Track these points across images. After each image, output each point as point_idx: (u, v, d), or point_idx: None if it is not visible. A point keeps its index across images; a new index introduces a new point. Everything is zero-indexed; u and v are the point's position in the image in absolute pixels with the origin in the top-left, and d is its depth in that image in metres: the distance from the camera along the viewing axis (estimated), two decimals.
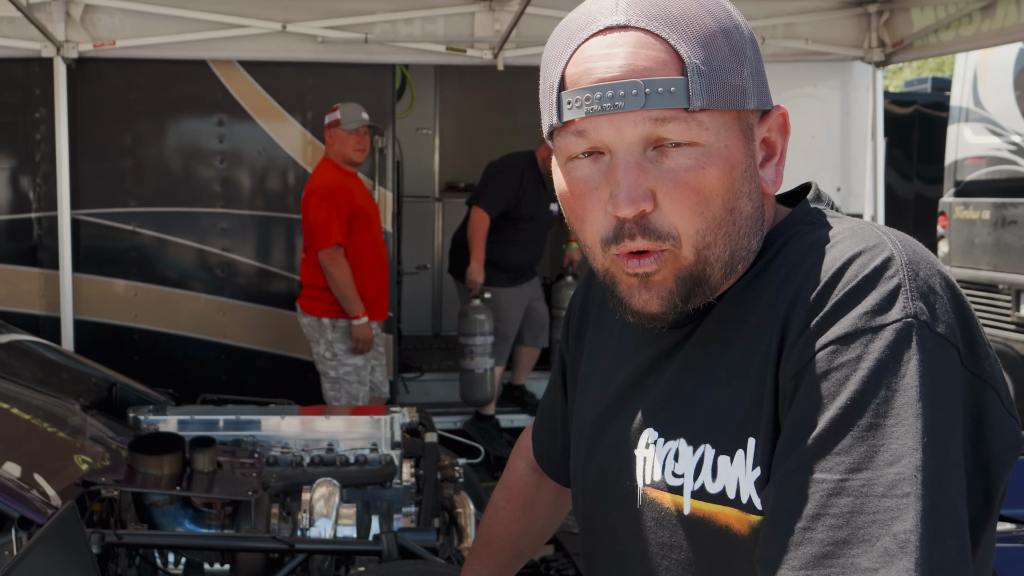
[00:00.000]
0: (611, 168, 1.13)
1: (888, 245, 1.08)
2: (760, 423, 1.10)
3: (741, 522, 1.11)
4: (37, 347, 4.31)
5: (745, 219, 1.16)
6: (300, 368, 6.36)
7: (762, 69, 1.19)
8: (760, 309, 1.14)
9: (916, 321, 1.02)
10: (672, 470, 1.19)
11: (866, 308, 1.04)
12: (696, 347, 1.21)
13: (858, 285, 1.05)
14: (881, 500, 0.97)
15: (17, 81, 5.99)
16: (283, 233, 6.34)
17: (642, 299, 1.17)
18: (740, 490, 1.11)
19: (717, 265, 1.15)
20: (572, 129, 1.14)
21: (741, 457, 1.11)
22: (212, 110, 6.18)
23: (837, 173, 6.98)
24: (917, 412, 0.99)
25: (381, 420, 3.87)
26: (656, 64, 1.10)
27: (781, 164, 1.21)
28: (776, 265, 1.17)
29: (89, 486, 3.09)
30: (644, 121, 1.10)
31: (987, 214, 8.11)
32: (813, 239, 1.15)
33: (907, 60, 6.61)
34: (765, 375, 1.10)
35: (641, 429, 1.25)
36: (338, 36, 5.86)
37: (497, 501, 1.73)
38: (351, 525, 3.38)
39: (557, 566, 3.77)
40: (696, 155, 1.11)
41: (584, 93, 1.11)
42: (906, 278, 1.05)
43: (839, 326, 1.04)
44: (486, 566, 1.70)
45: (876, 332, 1.02)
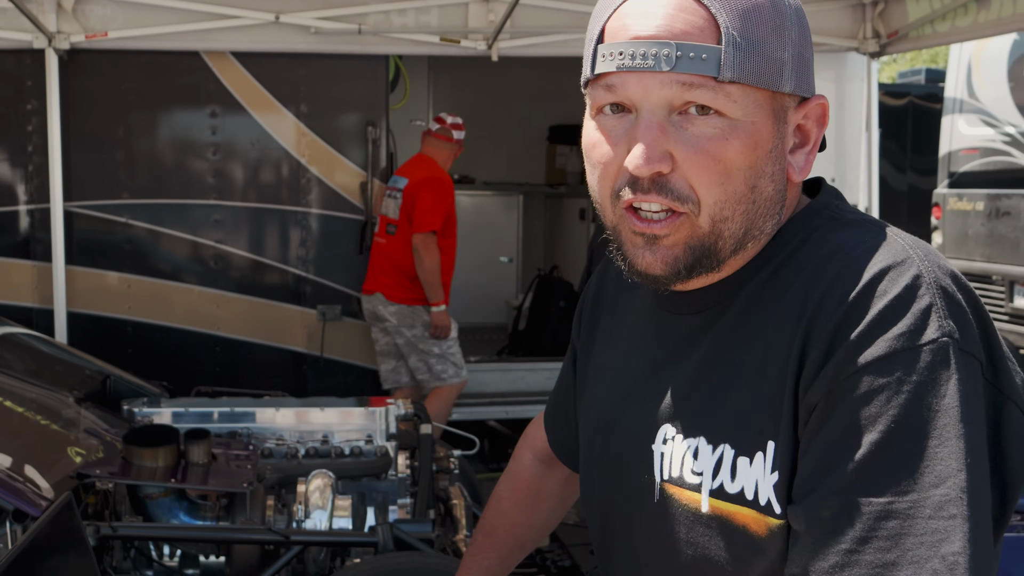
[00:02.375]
0: (634, 126, 1.13)
1: (915, 261, 1.08)
2: (779, 428, 1.10)
3: (759, 523, 1.11)
4: (30, 340, 4.30)
5: (765, 199, 1.16)
6: (294, 360, 6.36)
7: (807, 55, 1.18)
8: (780, 312, 1.14)
9: (951, 340, 1.03)
10: (691, 468, 1.18)
11: (902, 329, 1.03)
12: (715, 344, 1.21)
13: (891, 304, 1.05)
14: (928, 522, 0.98)
15: (8, 73, 5.96)
16: (277, 225, 6.32)
17: (646, 260, 1.17)
18: (759, 492, 1.11)
19: (730, 240, 1.15)
20: (603, 82, 1.14)
21: (760, 459, 1.11)
22: (205, 102, 6.16)
23: (831, 164, 6.98)
24: (959, 432, 1.00)
25: (376, 412, 3.87)
26: (693, 29, 1.09)
27: (813, 154, 1.20)
28: (797, 263, 1.16)
29: (84, 478, 3.08)
30: (671, 84, 1.10)
31: (981, 205, 8.12)
32: (836, 243, 1.14)
33: (902, 51, 6.61)
34: (784, 383, 1.10)
35: (659, 424, 1.24)
36: (331, 27, 5.84)
37: (501, 492, 1.72)
38: (346, 517, 3.38)
39: (552, 557, 3.78)
40: (720, 125, 1.11)
41: (619, 48, 1.12)
42: (936, 296, 1.05)
43: (876, 347, 1.03)
44: (487, 556, 1.69)
45: (914, 353, 1.02)
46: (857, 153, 6.87)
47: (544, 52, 6.15)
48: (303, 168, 6.25)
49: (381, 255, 6.01)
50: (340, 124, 6.33)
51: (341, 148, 6.28)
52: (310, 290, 6.36)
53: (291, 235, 6.30)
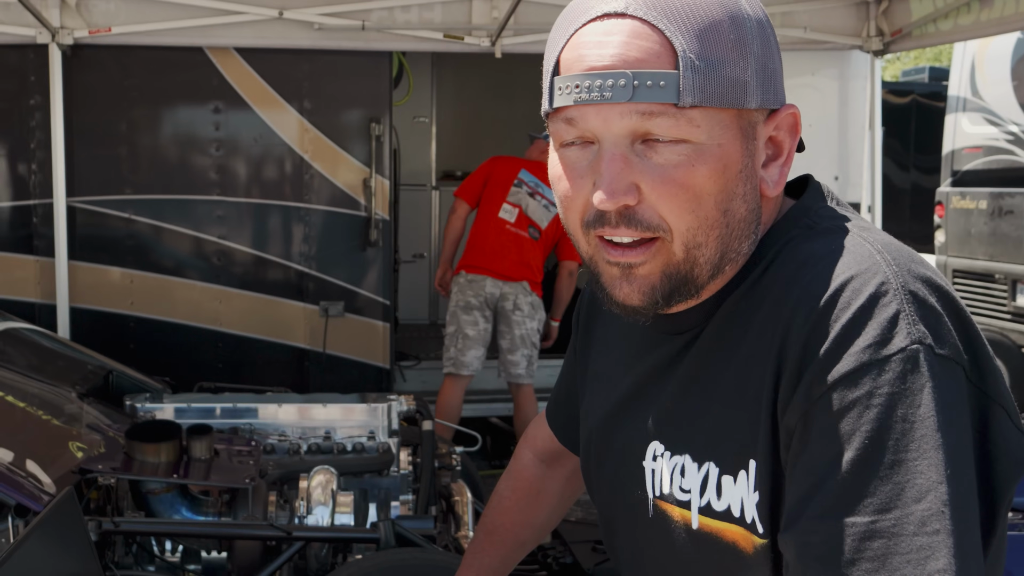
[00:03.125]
0: (597, 158, 1.10)
1: (881, 266, 1.05)
2: (758, 448, 1.09)
3: (747, 540, 1.11)
4: (33, 335, 4.31)
5: (738, 221, 1.12)
6: (296, 356, 6.36)
7: (773, 65, 1.14)
8: (754, 330, 1.12)
9: (921, 346, 1.00)
10: (679, 485, 1.19)
11: (869, 340, 1.00)
12: (696, 361, 1.20)
13: (855, 315, 1.02)
14: (913, 539, 0.96)
15: (12, 68, 5.96)
16: (279, 221, 6.32)
17: (623, 291, 1.14)
18: (744, 510, 1.11)
19: (706, 267, 1.13)
20: (562, 116, 1.12)
21: (744, 478, 1.11)
22: (208, 97, 6.16)
23: (835, 162, 6.98)
24: (937, 443, 0.97)
25: (378, 408, 3.87)
26: (649, 56, 1.06)
27: (787, 166, 1.17)
28: (769, 279, 1.14)
29: (86, 474, 3.09)
30: (631, 114, 1.07)
31: (984, 203, 8.11)
32: (804, 256, 1.12)
33: (906, 49, 6.60)
34: (761, 402, 1.09)
35: (648, 440, 1.25)
36: (335, 23, 5.83)
37: (502, 491, 1.73)
38: (348, 513, 3.38)
39: (554, 554, 3.78)
40: (685, 152, 1.08)
41: (575, 80, 1.09)
42: (904, 302, 1.02)
43: (844, 362, 1.01)
44: (489, 555, 1.70)
45: (883, 364, 0.99)
46: (860, 151, 6.86)
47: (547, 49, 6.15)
48: (306, 164, 6.25)
49: (521, 248, 6.14)
50: (343, 120, 6.32)
51: (344, 144, 6.28)
52: (313, 286, 6.36)
53: (294, 231, 6.30)
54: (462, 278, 6.08)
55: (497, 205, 6.08)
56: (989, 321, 8.04)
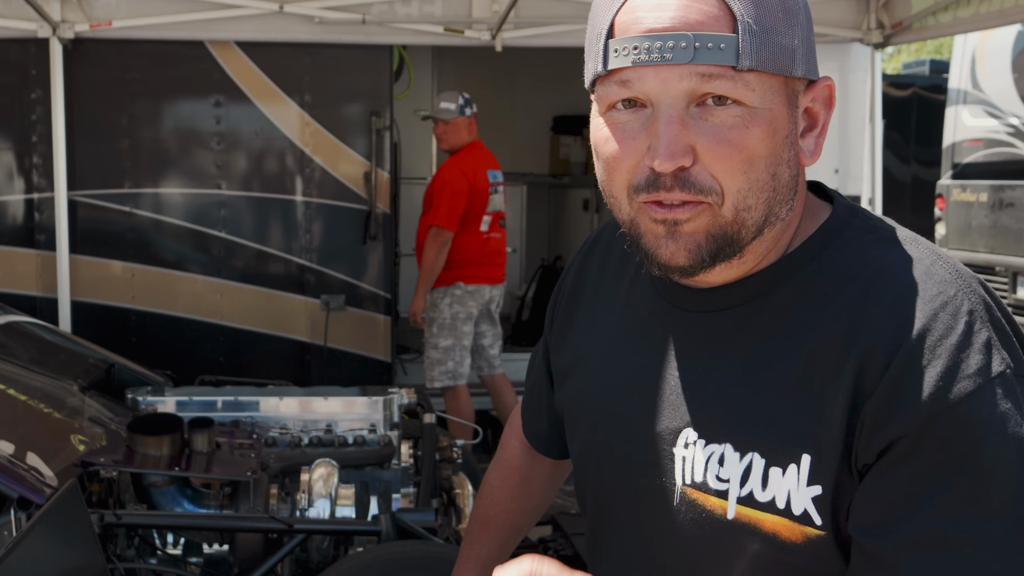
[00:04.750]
0: (652, 120, 1.11)
1: (965, 293, 1.10)
2: (822, 443, 1.10)
3: (792, 531, 1.12)
4: (34, 328, 4.31)
5: (783, 185, 1.15)
6: (298, 349, 6.37)
7: (812, 37, 1.17)
8: (820, 329, 1.14)
9: (1011, 370, 1.06)
10: (716, 474, 1.18)
11: (976, 366, 1.05)
12: (745, 350, 1.19)
13: (959, 342, 1.06)
14: (1020, 557, 1.02)
15: (13, 62, 5.96)
16: (280, 214, 6.32)
17: (668, 250, 1.14)
18: (791, 502, 1.12)
19: (752, 228, 1.14)
20: (616, 78, 1.12)
21: (794, 471, 1.11)
22: (209, 91, 6.16)
23: (835, 155, 6.97)
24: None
25: (379, 401, 3.87)
26: (708, 19, 1.08)
27: (822, 136, 1.19)
28: (835, 274, 1.16)
29: (88, 467, 3.10)
30: (690, 75, 1.08)
31: (984, 196, 8.11)
32: (880, 263, 1.15)
33: (906, 42, 6.60)
34: (832, 400, 1.10)
35: (680, 427, 1.23)
36: (335, 17, 5.84)
37: (492, 480, 1.73)
38: (349, 506, 3.39)
39: (555, 546, 3.79)
40: (740, 114, 1.09)
41: (632, 42, 1.09)
42: (991, 329, 1.08)
43: (962, 384, 1.05)
44: (486, 545, 1.70)
45: (989, 387, 1.05)
46: (861, 144, 6.86)
47: (548, 42, 6.15)
48: (307, 158, 6.25)
49: (502, 247, 6.34)
50: (344, 114, 6.33)
51: (345, 138, 6.28)
52: (314, 280, 6.36)
53: (295, 225, 6.30)
54: (458, 290, 6.09)
55: (479, 221, 6.16)
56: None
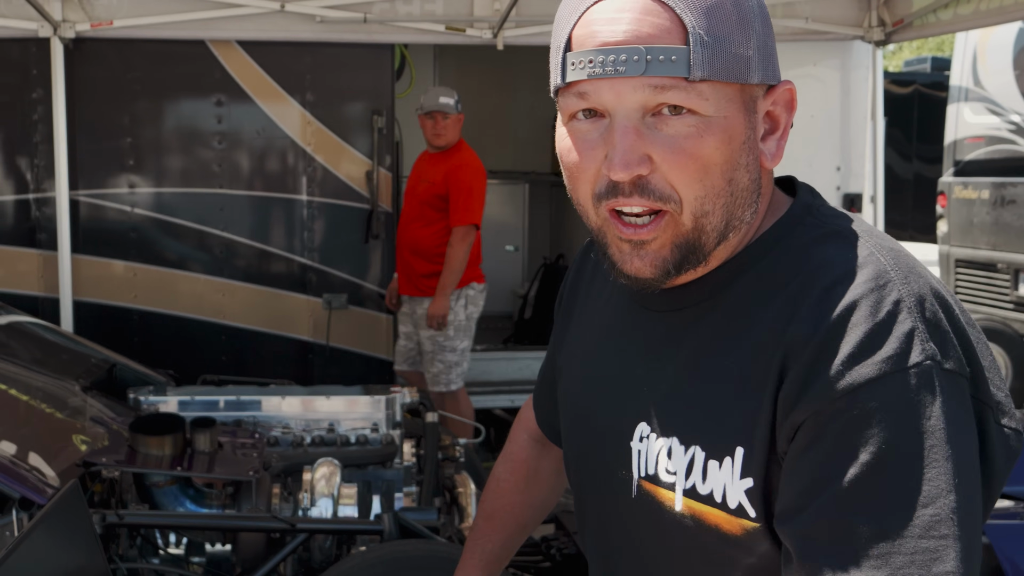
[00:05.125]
0: (609, 131, 1.14)
1: (896, 284, 1.11)
2: (753, 436, 1.12)
3: (731, 524, 1.15)
4: (36, 328, 4.31)
5: (741, 190, 1.17)
6: (300, 349, 6.37)
7: (771, 43, 1.20)
8: (763, 322, 1.16)
9: (933, 362, 1.05)
10: (666, 467, 1.21)
11: (888, 353, 1.05)
12: (695, 346, 1.22)
13: (875, 329, 1.07)
14: (919, 541, 1.00)
15: (14, 61, 5.96)
16: (282, 213, 6.32)
17: (634, 265, 1.18)
18: (727, 496, 1.14)
19: (713, 234, 1.16)
20: (574, 90, 1.16)
21: (728, 464, 1.14)
22: (210, 90, 6.16)
23: (837, 153, 6.97)
24: (947, 454, 1.03)
25: (382, 400, 3.88)
26: (660, 31, 1.10)
27: (783, 139, 1.22)
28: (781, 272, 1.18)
29: (90, 466, 3.10)
30: (644, 87, 1.11)
31: (986, 193, 8.10)
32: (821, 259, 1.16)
33: (907, 39, 6.59)
34: (763, 393, 1.12)
35: (636, 421, 1.27)
36: (337, 16, 5.83)
37: (500, 474, 1.74)
38: (352, 505, 3.39)
39: (558, 545, 3.78)
40: (695, 123, 1.12)
41: (588, 56, 1.13)
42: (918, 319, 1.08)
43: (865, 369, 1.05)
44: (490, 540, 1.70)
45: (901, 376, 1.04)
46: (862, 141, 6.86)
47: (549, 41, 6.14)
48: (309, 157, 6.25)
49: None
50: (346, 113, 6.32)
51: (347, 137, 6.28)
52: (316, 279, 6.36)
53: (297, 224, 6.30)
54: (472, 290, 5.90)
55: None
56: (991, 311, 8.04)
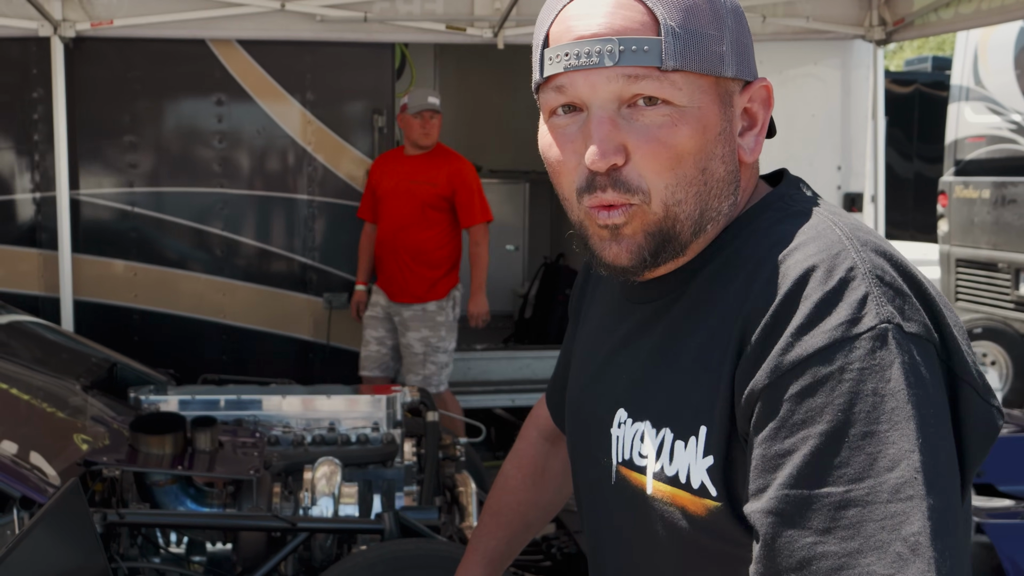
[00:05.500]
0: (586, 122, 1.17)
1: (850, 252, 1.10)
2: (713, 414, 1.13)
3: (696, 505, 1.15)
4: (37, 328, 4.31)
5: (717, 180, 1.19)
6: (301, 348, 6.37)
7: (746, 40, 1.22)
8: (723, 304, 1.17)
9: (890, 324, 1.04)
10: (639, 451, 1.23)
11: (839, 320, 1.04)
12: (665, 331, 1.25)
13: (825, 297, 1.06)
14: (887, 506, 0.99)
15: (14, 61, 5.96)
16: (283, 213, 6.32)
17: (612, 252, 1.20)
18: (691, 476, 1.15)
19: (687, 223, 1.19)
20: (552, 84, 1.19)
21: (693, 444, 1.15)
22: (211, 90, 6.16)
23: (837, 152, 6.97)
24: (908, 414, 1.01)
25: (382, 399, 3.87)
26: (633, 24, 1.14)
27: (762, 135, 1.25)
28: (744, 255, 1.19)
29: (91, 465, 3.10)
30: (618, 78, 1.14)
31: (987, 193, 8.10)
32: (777, 236, 1.17)
33: (908, 38, 6.59)
34: (721, 372, 1.13)
35: (615, 407, 1.29)
36: (337, 15, 5.83)
37: (507, 470, 1.75)
38: (353, 504, 3.38)
39: (558, 544, 3.79)
40: (669, 113, 1.15)
41: (564, 49, 1.16)
42: (872, 284, 1.07)
43: (815, 338, 1.05)
44: (495, 537, 1.70)
45: (854, 342, 1.03)
46: (863, 141, 6.86)
47: None
48: (309, 156, 6.25)
49: None
50: (346, 112, 6.32)
51: (347, 136, 6.28)
52: (316, 278, 6.36)
53: (297, 223, 6.30)
54: (458, 291, 5.94)
55: None
56: (992, 310, 8.04)
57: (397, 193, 5.74)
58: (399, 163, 5.82)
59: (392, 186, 5.75)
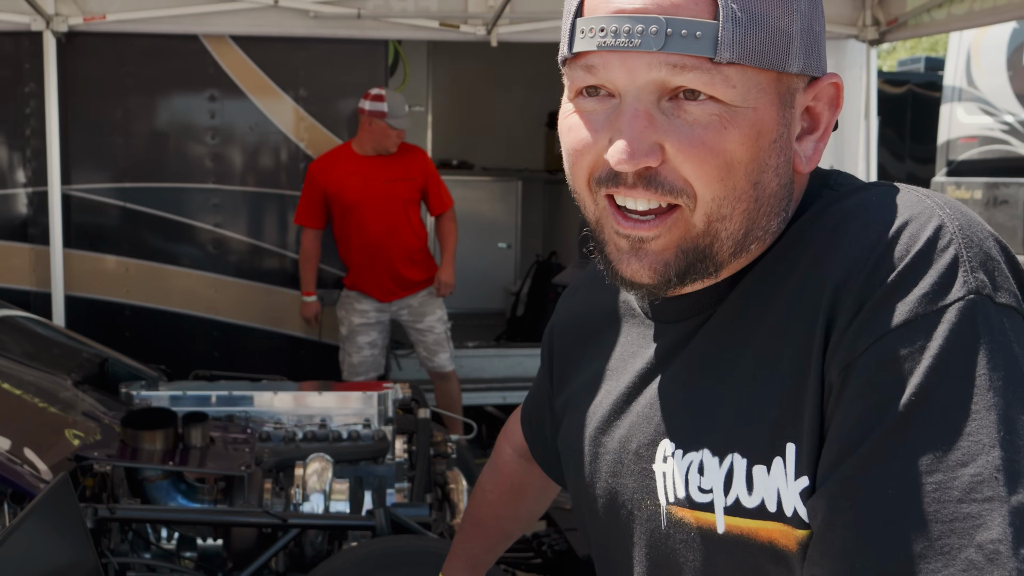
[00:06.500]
0: (617, 113, 0.99)
1: (935, 210, 0.95)
2: (801, 426, 0.96)
3: (787, 537, 0.97)
4: (28, 323, 4.30)
5: (768, 196, 1.01)
6: (292, 344, 6.36)
7: (819, 28, 1.03)
8: (788, 294, 1.00)
9: (979, 296, 0.89)
10: (698, 485, 1.03)
11: (925, 289, 0.90)
12: (709, 344, 1.07)
13: (912, 262, 0.91)
14: (958, 506, 0.84)
15: (6, 55, 5.94)
16: (275, 209, 6.31)
17: (632, 267, 1.03)
18: (782, 502, 0.97)
19: (728, 243, 1.01)
20: (582, 63, 1.01)
21: (780, 466, 0.97)
22: (204, 85, 6.14)
23: (830, 152, 6.97)
24: (989, 403, 0.86)
25: (374, 396, 3.87)
26: (685, 1, 0.95)
27: (823, 141, 1.05)
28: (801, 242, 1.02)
29: (82, 461, 3.09)
30: (660, 66, 0.95)
31: (979, 193, 8.13)
32: (848, 208, 1.00)
33: (901, 39, 6.60)
34: (807, 370, 0.96)
35: (656, 441, 1.10)
36: (331, 11, 5.83)
37: (485, 484, 1.68)
38: (344, 500, 3.38)
39: (549, 542, 3.79)
40: (717, 112, 0.96)
41: (600, 23, 0.97)
42: (962, 247, 0.92)
43: (898, 312, 0.90)
44: (475, 544, 1.69)
45: (939, 316, 0.89)
46: (856, 141, 6.87)
47: (543, 38, 6.14)
48: (302, 152, 6.24)
49: None
50: (339, 109, 6.31)
51: (340, 133, 6.27)
52: None
53: (289, 220, 6.29)
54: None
55: None
56: None
57: (375, 197, 5.61)
58: (361, 165, 5.65)
59: (364, 191, 5.60)
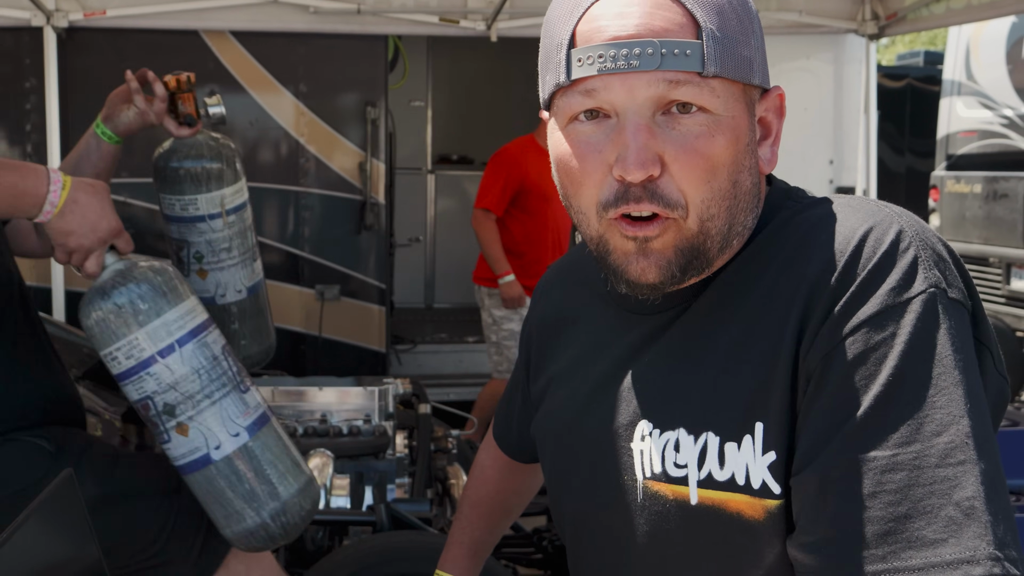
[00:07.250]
0: (618, 131, 1.10)
1: (895, 217, 1.09)
2: (769, 407, 1.09)
3: (754, 507, 1.10)
4: None
5: (744, 193, 1.14)
6: (292, 339, 6.36)
7: (764, 47, 1.18)
8: (760, 293, 1.13)
9: (937, 290, 1.04)
10: (674, 460, 1.16)
11: (891, 285, 1.04)
12: (685, 332, 1.20)
13: (879, 262, 1.05)
14: (936, 471, 0.98)
15: (6, 51, 5.94)
16: (275, 204, 6.31)
17: (639, 267, 1.14)
18: (750, 476, 1.10)
19: (717, 238, 1.13)
20: (580, 88, 1.11)
21: (749, 442, 1.10)
22: (204, 81, 6.13)
23: (830, 146, 6.99)
24: (956, 380, 1.01)
25: (375, 391, 3.87)
26: (673, 25, 1.08)
27: (776, 145, 1.20)
28: (772, 245, 1.16)
29: None
30: (658, 82, 1.08)
31: (978, 187, 8.13)
32: (816, 217, 1.14)
33: (900, 33, 6.60)
34: (777, 358, 1.09)
35: (634, 421, 1.22)
36: (330, 7, 5.82)
37: (483, 461, 1.74)
38: (344, 496, 3.39)
39: (550, 536, 3.80)
40: (706, 122, 1.10)
41: (597, 50, 1.09)
42: (920, 248, 1.06)
43: (868, 306, 1.04)
44: (476, 528, 1.70)
45: (904, 307, 1.03)
46: (855, 135, 6.87)
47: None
48: (302, 148, 6.24)
49: None
50: (339, 104, 6.32)
51: (340, 128, 6.27)
52: (308, 270, 6.36)
53: (289, 215, 6.30)
54: None
55: None
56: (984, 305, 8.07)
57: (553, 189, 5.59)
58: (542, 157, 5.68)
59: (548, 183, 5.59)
